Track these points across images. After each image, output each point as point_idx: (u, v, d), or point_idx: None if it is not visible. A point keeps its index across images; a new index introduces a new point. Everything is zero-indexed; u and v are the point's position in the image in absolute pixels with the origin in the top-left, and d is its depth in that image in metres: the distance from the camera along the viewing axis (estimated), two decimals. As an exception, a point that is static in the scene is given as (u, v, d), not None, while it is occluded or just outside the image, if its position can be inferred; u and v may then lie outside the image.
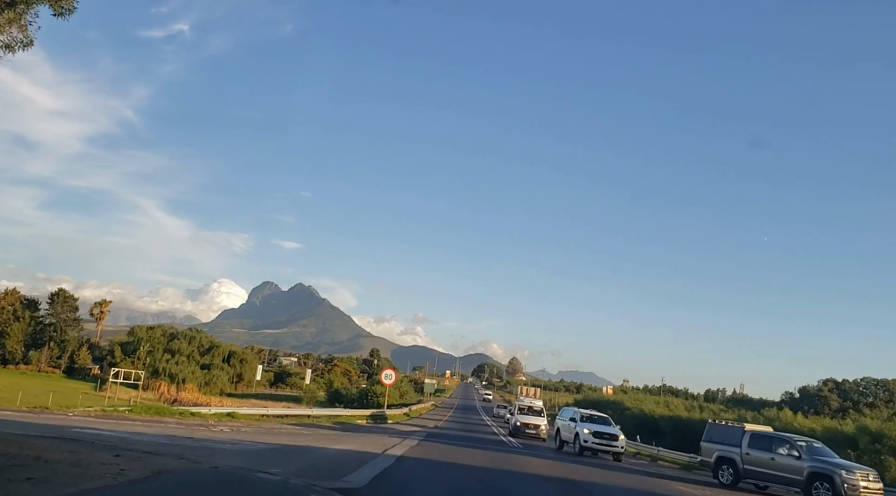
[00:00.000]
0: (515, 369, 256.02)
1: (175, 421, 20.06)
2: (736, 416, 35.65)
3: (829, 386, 62.06)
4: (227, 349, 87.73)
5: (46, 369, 71.95)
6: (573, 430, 27.78)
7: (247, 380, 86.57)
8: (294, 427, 24.30)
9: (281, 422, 27.08)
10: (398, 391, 73.57)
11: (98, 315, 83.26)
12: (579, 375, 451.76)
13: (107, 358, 76.99)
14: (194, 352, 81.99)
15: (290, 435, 19.17)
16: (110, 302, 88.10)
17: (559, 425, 30.09)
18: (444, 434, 31.25)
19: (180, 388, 65.85)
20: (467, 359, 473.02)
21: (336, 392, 70.37)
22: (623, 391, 79.80)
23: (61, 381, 65.32)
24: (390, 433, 26.48)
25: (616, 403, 49.94)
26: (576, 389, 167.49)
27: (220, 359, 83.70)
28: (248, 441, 15.33)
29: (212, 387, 72.67)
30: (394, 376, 41.62)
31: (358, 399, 62.72)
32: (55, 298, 77.00)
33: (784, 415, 34.08)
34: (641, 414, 42.51)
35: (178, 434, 15.47)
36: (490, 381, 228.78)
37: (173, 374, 68.34)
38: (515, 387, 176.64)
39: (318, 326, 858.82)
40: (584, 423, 27.61)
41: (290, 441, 16.85)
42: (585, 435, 26.61)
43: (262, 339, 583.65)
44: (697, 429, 36.04)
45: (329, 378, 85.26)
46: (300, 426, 25.59)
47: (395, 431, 29.06)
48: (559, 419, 30.94)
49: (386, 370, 42.74)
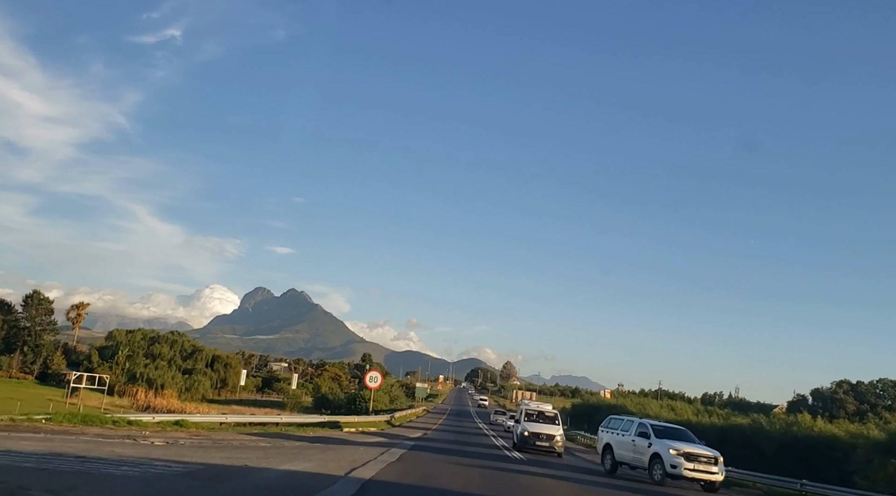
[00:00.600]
0: (509, 374, 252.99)
1: (98, 432, 16.76)
2: (767, 421, 32.61)
3: (844, 388, 59.00)
4: (211, 353, 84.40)
5: (18, 375, 68.51)
6: (646, 450, 20.92)
7: (231, 385, 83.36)
8: (252, 438, 21.08)
9: (240, 432, 23.55)
10: (388, 396, 70.46)
11: (75, 318, 79.91)
12: (572, 380, 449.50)
13: (83, 363, 73.67)
14: (176, 356, 78.70)
15: (236, 449, 15.82)
16: (88, 304, 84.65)
17: (610, 440, 23.43)
18: (433, 445, 27.62)
19: (158, 394, 62.63)
20: (461, 364, 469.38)
21: (323, 397, 67.27)
22: (622, 395, 76.98)
23: (31, 388, 61.90)
24: (368, 444, 23.06)
25: (618, 408, 47.14)
26: (571, 394, 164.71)
27: (203, 364, 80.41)
28: (168, 459, 11.93)
29: (193, 392, 69.45)
30: (379, 379, 37.66)
31: (346, 404, 59.76)
32: (29, 301, 73.62)
33: (803, 419, 31.35)
34: (647, 419, 39.66)
35: (69, 451, 11.94)
36: (484, 386, 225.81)
37: (151, 380, 65.12)
38: (510, 392, 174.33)
39: (311, 332, 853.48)
40: (663, 440, 20.57)
41: (228, 459, 13.28)
42: (673, 458, 19.61)
43: (254, 345, 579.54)
44: (708, 435, 33.31)
45: (316, 382, 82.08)
46: (261, 436, 22.11)
47: (375, 441, 25.72)
48: (607, 431, 24.20)
49: (371, 372, 38.73)
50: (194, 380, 72.47)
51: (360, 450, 19.35)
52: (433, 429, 40.20)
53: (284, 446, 18.70)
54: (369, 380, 37.78)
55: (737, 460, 27.65)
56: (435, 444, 27.84)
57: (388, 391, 72.60)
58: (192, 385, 70.69)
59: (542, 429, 28.51)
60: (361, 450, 19.39)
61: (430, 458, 19.57)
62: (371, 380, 37.70)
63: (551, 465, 22.94)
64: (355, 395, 61.42)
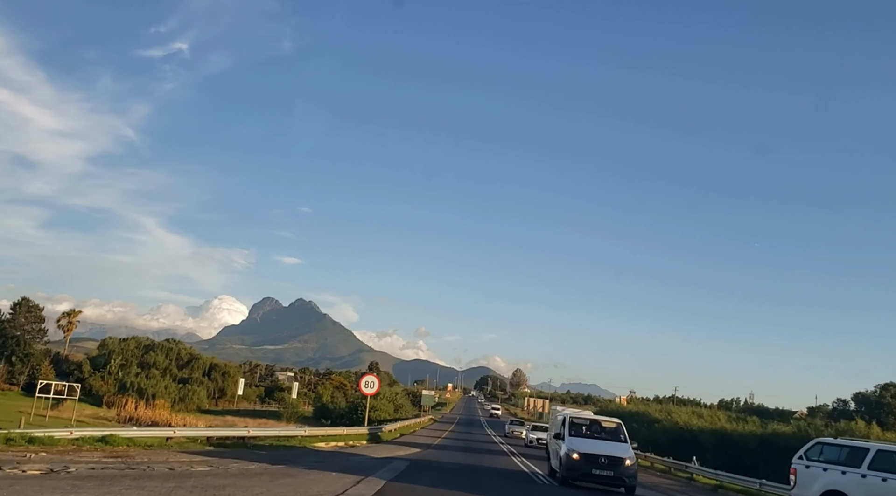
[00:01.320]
0: (519, 381, 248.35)
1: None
2: (835, 432, 28.65)
3: (892, 391, 54.47)
4: (208, 362, 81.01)
5: (3, 386, 65.35)
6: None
7: (230, 394, 79.89)
8: (195, 458, 16.72)
9: (189, 450, 18.98)
10: (393, 405, 66.87)
11: (66, 326, 76.74)
12: (582, 387, 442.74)
13: (74, 373, 70.48)
14: (171, 365, 75.47)
15: (140, 479, 11.39)
16: (80, 312, 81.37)
17: (836, 484, 14.31)
18: (434, 465, 22.50)
19: (149, 405, 59.21)
20: (470, 373, 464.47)
21: (323, 406, 63.80)
22: (642, 402, 72.96)
23: (15, 399, 58.68)
24: (345, 467, 17.90)
25: (640, 415, 43.18)
26: (584, 400, 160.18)
27: (199, 373, 77.06)
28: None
29: (187, 403, 65.98)
30: (376, 384, 32.87)
31: (347, 414, 56.21)
32: (17, 308, 70.53)
33: (858, 427, 27.58)
34: (675, 427, 35.64)
35: None
36: (493, 394, 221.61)
37: (142, 389, 61.76)
38: (521, 400, 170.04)
39: (320, 341, 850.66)
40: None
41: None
42: None
43: (263, 355, 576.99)
44: (748, 444, 29.54)
45: (318, 391, 78.52)
46: (211, 455, 18.13)
47: (359, 461, 20.91)
48: (822, 467, 14.48)
49: (366, 376, 33.85)
50: (190, 390, 69.06)
51: (327, 479, 14.52)
52: (437, 442, 35.40)
53: (225, 471, 14.03)
54: (364, 386, 32.91)
55: (781, 474, 24.02)
56: (437, 464, 23.04)
57: (392, 399, 69.01)
58: (186, 395, 67.25)
59: (602, 450, 18.67)
60: (330, 478, 14.56)
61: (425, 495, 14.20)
62: (367, 386, 32.79)
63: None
64: (357, 404, 57.91)
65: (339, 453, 24.83)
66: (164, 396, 62.95)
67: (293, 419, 54.34)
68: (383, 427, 44.84)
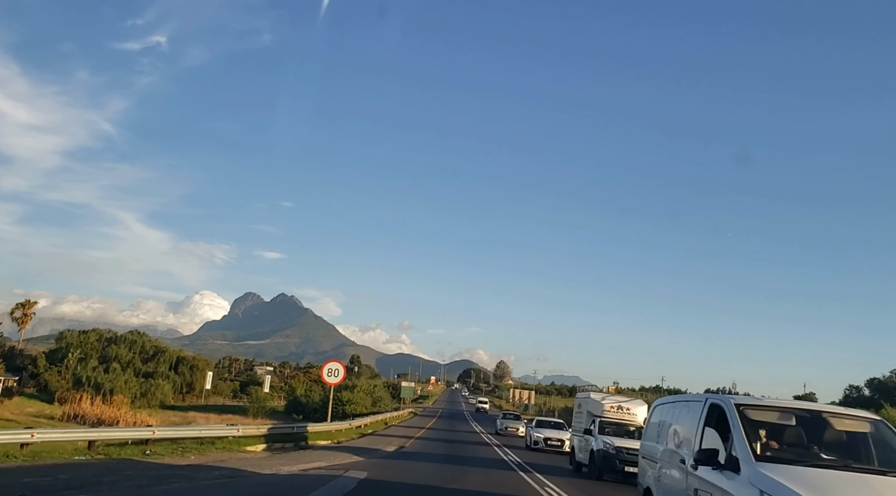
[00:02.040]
0: (503, 374, 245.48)
1: None
2: None
3: (910, 377, 52.01)
4: (175, 355, 76.70)
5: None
6: None
7: (199, 389, 75.68)
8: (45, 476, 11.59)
9: (58, 460, 13.90)
10: (370, 398, 63.12)
11: (21, 319, 72.10)
12: (565, 379, 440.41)
13: (28, 368, 66.01)
14: (135, 358, 71.14)
15: None
16: (35, 302, 76.55)
17: None
18: (404, 472, 16.67)
19: (106, 401, 54.86)
20: (453, 366, 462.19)
21: (296, 400, 59.93)
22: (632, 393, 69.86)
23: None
24: (273, 485, 12.83)
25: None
26: (568, 392, 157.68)
27: (165, 367, 72.80)
28: None
29: (150, 398, 61.70)
30: (341, 372, 27.69)
31: (320, 408, 52.43)
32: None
33: (887, 414, 24.53)
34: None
35: None
36: (477, 387, 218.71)
37: (99, 385, 57.40)
38: (505, 392, 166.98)
39: (302, 336, 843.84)
40: None
41: None
42: None
43: (245, 351, 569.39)
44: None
45: (292, 384, 74.57)
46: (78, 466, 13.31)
47: (299, 470, 15.61)
48: None
49: (329, 363, 28.59)
50: (153, 385, 64.73)
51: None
52: (413, 441, 29.73)
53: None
54: (327, 374, 27.41)
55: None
56: (406, 478, 15.52)
57: (370, 392, 65.35)
58: (149, 390, 62.92)
59: None
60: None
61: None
62: (329, 374, 27.47)
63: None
64: (329, 397, 54.13)
65: (277, 458, 18.75)
66: (124, 392, 58.53)
67: (260, 414, 50.47)
68: (357, 421, 41.06)
